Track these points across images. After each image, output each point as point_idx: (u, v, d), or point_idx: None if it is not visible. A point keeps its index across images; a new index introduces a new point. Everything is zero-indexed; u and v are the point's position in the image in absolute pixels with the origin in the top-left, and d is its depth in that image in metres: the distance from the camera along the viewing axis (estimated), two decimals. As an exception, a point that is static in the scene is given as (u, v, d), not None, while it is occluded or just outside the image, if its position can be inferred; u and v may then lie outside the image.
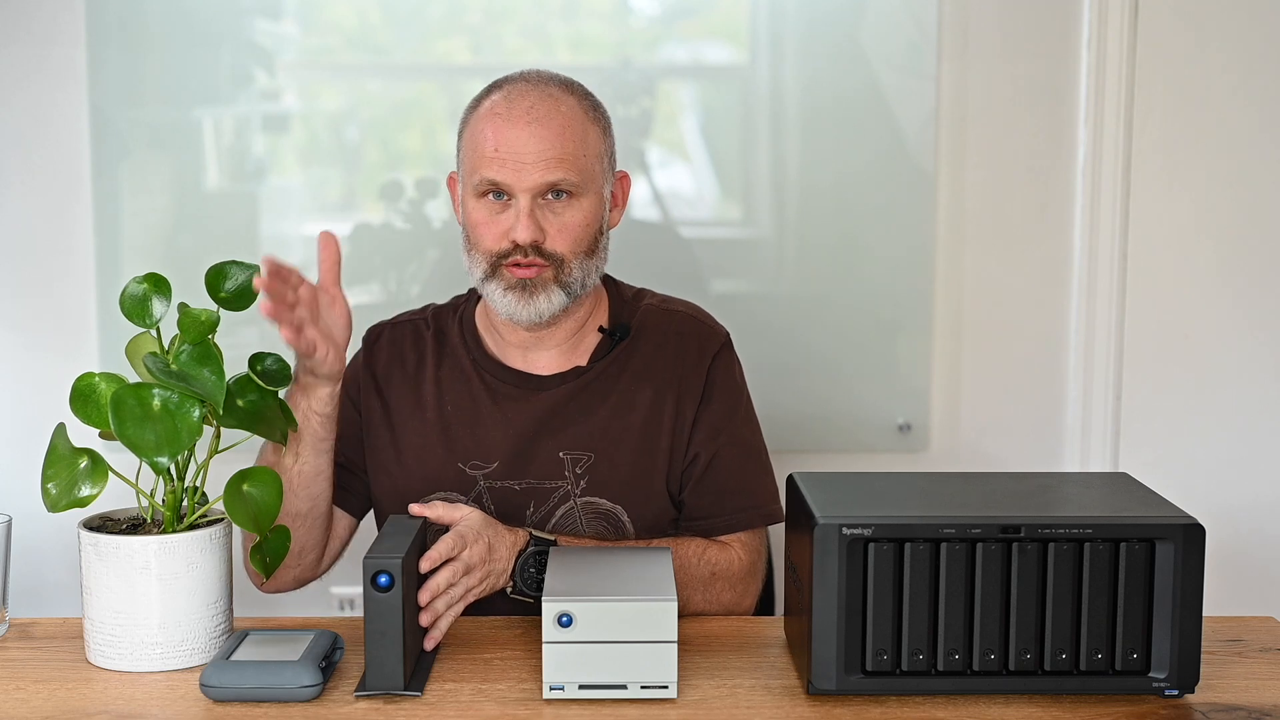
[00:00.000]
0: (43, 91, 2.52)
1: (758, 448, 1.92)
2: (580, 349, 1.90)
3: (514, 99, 1.79)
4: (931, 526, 1.45)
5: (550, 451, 1.86)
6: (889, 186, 2.58)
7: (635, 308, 1.94)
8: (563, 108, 1.79)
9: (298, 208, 2.63)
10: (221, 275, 1.63)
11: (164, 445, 1.51)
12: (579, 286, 1.81)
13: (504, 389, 1.89)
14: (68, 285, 2.56)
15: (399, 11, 2.57)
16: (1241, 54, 2.54)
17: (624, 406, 1.87)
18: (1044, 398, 2.64)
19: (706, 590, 1.81)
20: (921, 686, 1.47)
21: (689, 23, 2.63)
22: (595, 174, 1.81)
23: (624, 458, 1.85)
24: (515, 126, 1.77)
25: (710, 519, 1.86)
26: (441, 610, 1.61)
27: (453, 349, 1.93)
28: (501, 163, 1.77)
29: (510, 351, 1.90)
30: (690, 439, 1.87)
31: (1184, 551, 1.45)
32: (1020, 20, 2.55)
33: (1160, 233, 2.59)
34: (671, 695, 1.48)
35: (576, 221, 1.79)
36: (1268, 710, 1.47)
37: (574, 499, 1.85)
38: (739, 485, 1.87)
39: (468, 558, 1.63)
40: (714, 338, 1.93)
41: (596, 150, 1.81)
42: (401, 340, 1.95)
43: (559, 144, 1.77)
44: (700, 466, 1.86)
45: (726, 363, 1.92)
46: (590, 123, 1.81)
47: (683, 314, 1.94)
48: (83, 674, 1.57)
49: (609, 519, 1.85)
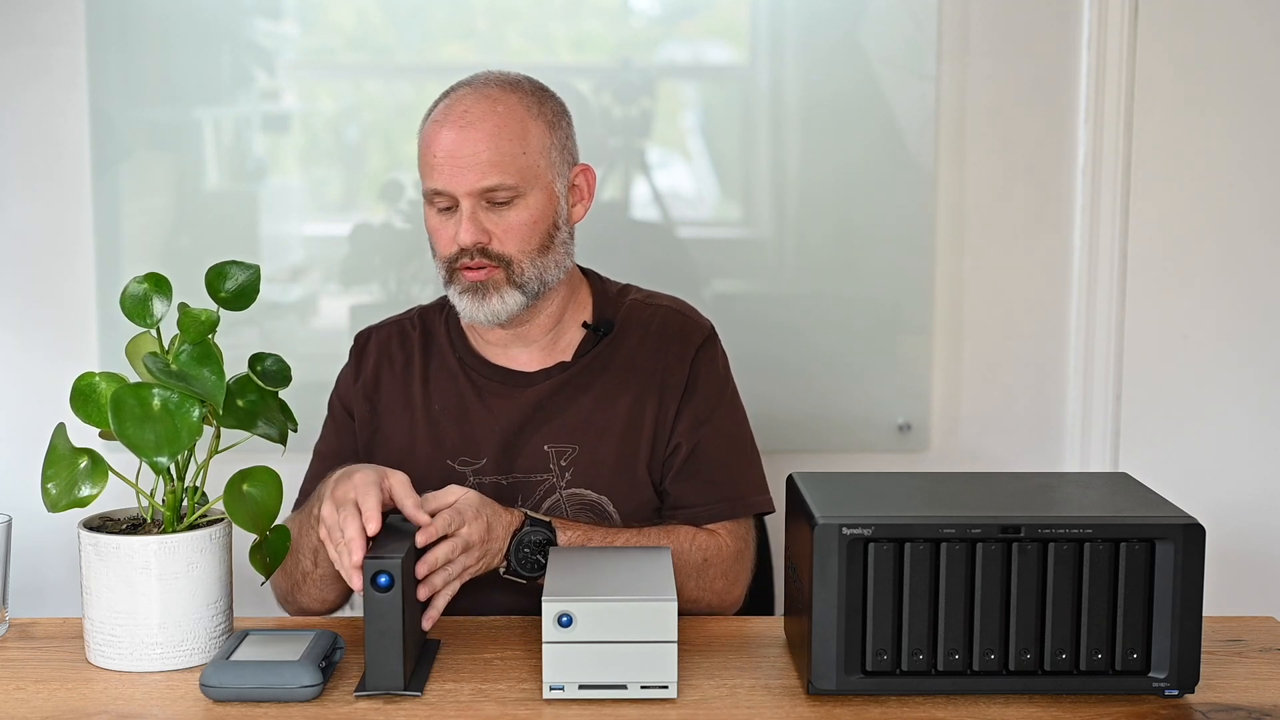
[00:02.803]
0: (43, 92, 2.52)
1: (742, 439, 1.92)
2: (562, 344, 1.91)
3: (452, 104, 1.82)
4: (931, 526, 1.45)
5: (535, 445, 1.87)
6: (889, 186, 2.58)
7: (620, 303, 1.94)
8: (499, 108, 1.80)
9: (298, 208, 2.63)
10: (221, 275, 1.63)
11: (164, 445, 1.51)
12: (536, 284, 1.83)
13: (490, 386, 1.90)
14: (68, 285, 2.56)
15: (399, 12, 2.57)
16: (1241, 54, 2.54)
17: (607, 399, 1.88)
18: (1044, 398, 2.63)
19: (700, 577, 1.81)
20: (921, 686, 1.47)
21: (689, 23, 2.63)
22: (539, 170, 1.81)
23: (608, 449, 1.86)
24: (451, 131, 1.79)
25: (693, 508, 1.86)
26: (439, 585, 1.61)
27: (439, 348, 1.94)
28: (440, 169, 1.79)
29: (493, 349, 1.92)
30: (673, 430, 1.88)
31: (1184, 551, 1.45)
32: (1020, 20, 2.55)
33: (1160, 233, 2.59)
34: (671, 695, 1.48)
35: (521, 221, 1.80)
36: (1268, 710, 1.47)
37: (559, 491, 1.86)
38: (723, 475, 1.87)
39: (467, 534, 1.63)
40: (697, 330, 1.93)
41: (540, 146, 1.81)
42: (388, 341, 1.96)
43: (492, 146, 1.78)
44: (682, 456, 1.87)
45: (710, 355, 1.92)
46: (532, 119, 1.81)
47: (666, 308, 1.95)
48: (83, 674, 1.57)
49: (595, 510, 1.86)
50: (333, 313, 2.61)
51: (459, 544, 1.62)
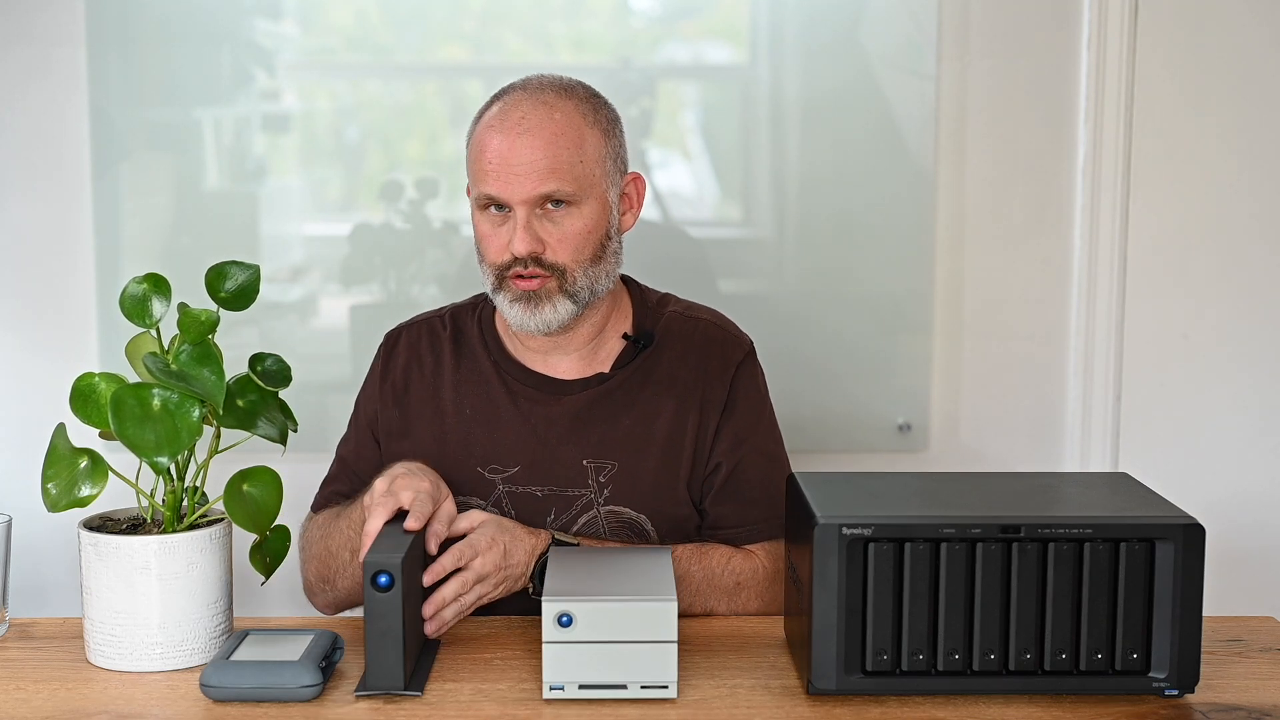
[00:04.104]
0: (43, 92, 2.52)
1: (781, 458, 1.91)
2: (601, 355, 1.89)
3: (508, 110, 1.78)
4: (931, 526, 1.45)
5: (573, 458, 1.84)
6: (889, 186, 2.58)
7: (659, 314, 1.92)
8: (556, 115, 1.77)
9: (298, 208, 2.63)
10: (221, 275, 1.63)
11: (164, 445, 1.51)
12: (587, 294, 1.80)
13: (525, 391, 1.87)
14: (68, 285, 2.56)
15: (399, 12, 2.57)
16: (1241, 54, 2.54)
17: (648, 415, 1.85)
18: (1044, 398, 2.63)
19: (732, 599, 1.80)
20: (921, 686, 1.47)
21: (689, 23, 2.63)
22: (595, 179, 1.79)
23: (647, 467, 1.84)
24: (507, 138, 1.76)
25: (734, 529, 1.85)
26: (449, 619, 1.61)
27: (471, 349, 1.91)
28: (496, 176, 1.76)
29: (530, 355, 1.89)
30: (713, 449, 1.86)
31: (1184, 551, 1.45)
32: (1020, 20, 2.55)
33: (1160, 232, 2.58)
34: (671, 695, 1.48)
35: (576, 230, 1.78)
36: (1268, 710, 1.47)
37: (597, 507, 1.84)
38: (762, 495, 1.85)
39: (479, 567, 1.62)
40: (738, 347, 1.92)
41: (596, 155, 1.79)
42: (418, 341, 1.93)
43: (551, 153, 1.75)
44: (723, 476, 1.85)
45: (750, 373, 1.91)
46: (589, 127, 1.79)
47: (707, 322, 1.93)
48: (83, 674, 1.57)
49: (633, 528, 1.84)
50: (333, 313, 2.61)
51: (470, 578, 1.62)
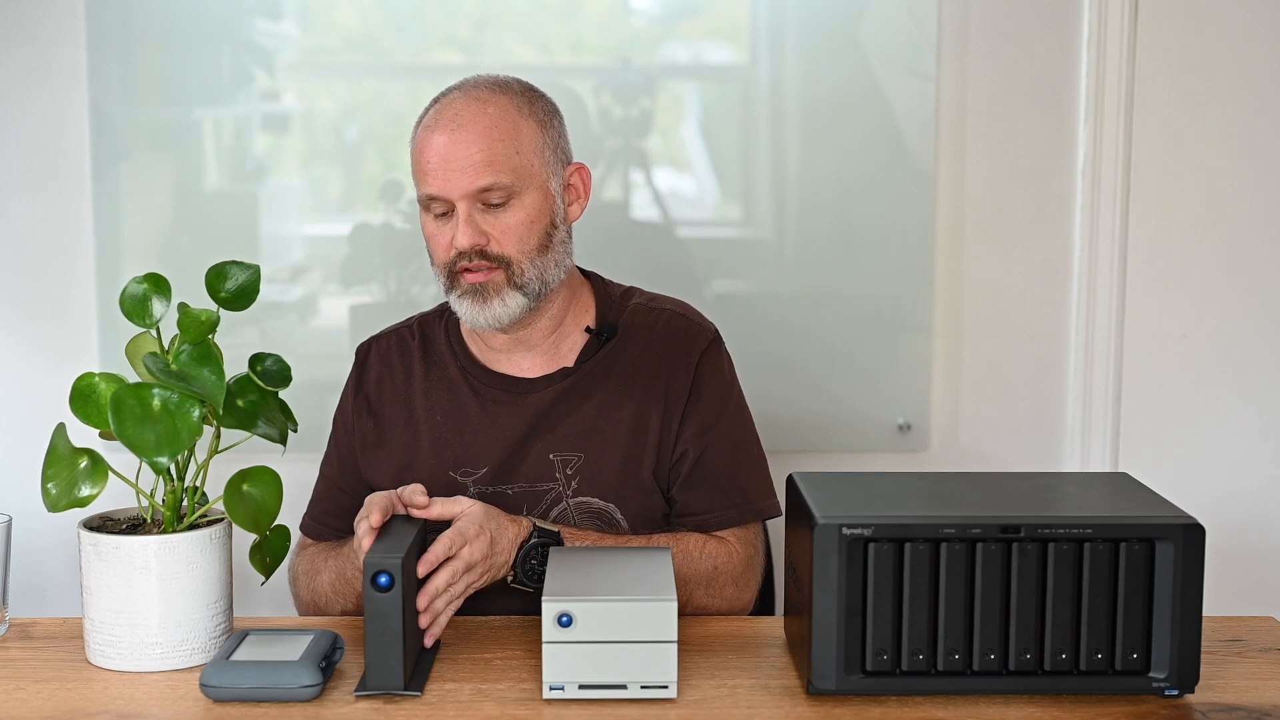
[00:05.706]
0: (43, 92, 2.52)
1: (749, 443, 1.92)
2: (564, 349, 1.90)
3: (442, 110, 1.81)
4: (931, 526, 1.45)
5: (540, 454, 1.86)
6: (889, 186, 2.58)
7: (623, 307, 1.93)
8: (490, 109, 1.79)
9: (298, 208, 2.63)
10: (221, 275, 1.63)
11: (164, 445, 1.51)
12: (537, 285, 1.82)
13: (491, 394, 1.89)
14: (68, 285, 2.56)
15: (399, 12, 2.57)
16: (1241, 54, 2.54)
17: (612, 405, 1.86)
18: (1044, 398, 2.63)
19: (709, 586, 1.81)
20: (921, 686, 1.47)
21: (689, 23, 2.63)
22: (533, 170, 1.80)
23: (613, 456, 1.85)
24: (444, 135, 1.78)
25: (703, 514, 1.86)
26: (441, 609, 1.61)
27: (439, 356, 1.93)
28: (435, 174, 1.78)
29: (495, 356, 1.91)
30: (679, 437, 1.87)
31: (1184, 551, 1.45)
32: (1020, 20, 2.55)
33: (1160, 233, 2.58)
34: (671, 695, 1.48)
35: (518, 220, 1.79)
36: (1268, 710, 1.47)
37: (566, 499, 1.85)
38: (730, 481, 1.87)
39: (468, 555, 1.63)
40: (701, 334, 1.92)
41: (533, 145, 1.81)
42: (388, 352, 1.96)
43: (486, 146, 1.77)
44: (689, 463, 1.86)
45: (714, 359, 1.91)
46: (524, 119, 1.81)
47: (670, 311, 1.94)
48: (83, 674, 1.57)
49: (602, 517, 1.85)
50: (333, 313, 2.61)
51: (460, 567, 1.62)
